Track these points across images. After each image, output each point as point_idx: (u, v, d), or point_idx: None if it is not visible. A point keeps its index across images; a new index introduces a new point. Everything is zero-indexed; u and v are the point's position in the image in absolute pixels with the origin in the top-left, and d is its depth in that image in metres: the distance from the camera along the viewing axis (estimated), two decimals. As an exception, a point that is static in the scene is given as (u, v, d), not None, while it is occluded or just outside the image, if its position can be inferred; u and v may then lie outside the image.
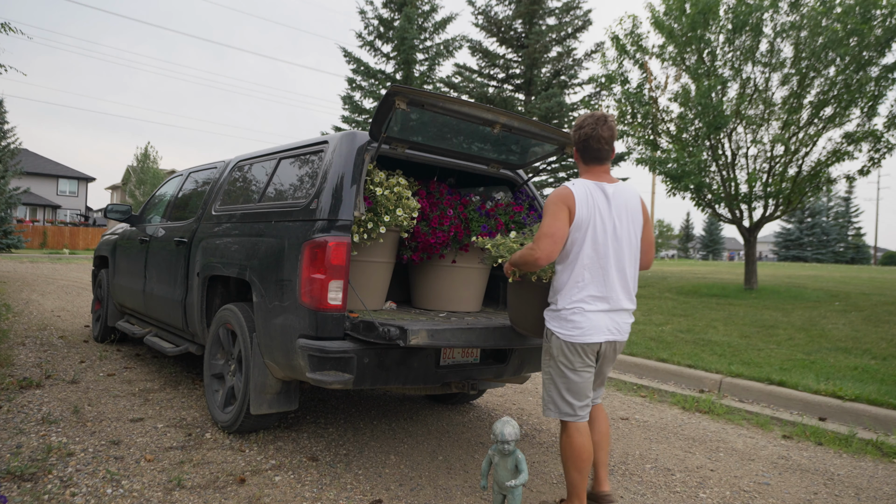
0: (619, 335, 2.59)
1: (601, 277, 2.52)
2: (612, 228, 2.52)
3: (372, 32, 16.39)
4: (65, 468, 2.87)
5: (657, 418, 4.48)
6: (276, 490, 2.79)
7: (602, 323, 2.52)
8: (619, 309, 2.57)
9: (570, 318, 2.51)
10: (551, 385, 2.59)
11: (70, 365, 4.98)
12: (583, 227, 2.49)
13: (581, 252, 2.50)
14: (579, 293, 2.51)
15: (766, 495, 3.10)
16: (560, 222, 2.46)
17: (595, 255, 2.51)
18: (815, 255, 47.02)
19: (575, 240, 2.50)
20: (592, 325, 2.50)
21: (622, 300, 2.56)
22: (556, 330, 2.54)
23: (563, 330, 2.52)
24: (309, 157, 3.47)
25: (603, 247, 2.51)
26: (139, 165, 43.99)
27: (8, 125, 27.29)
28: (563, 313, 2.52)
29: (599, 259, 2.51)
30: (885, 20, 9.22)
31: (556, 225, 2.45)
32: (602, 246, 2.51)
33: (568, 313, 2.51)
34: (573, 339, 2.50)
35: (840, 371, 5.45)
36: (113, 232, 6.26)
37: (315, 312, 2.86)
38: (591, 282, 2.51)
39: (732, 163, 11.13)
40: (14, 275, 13.68)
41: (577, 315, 2.50)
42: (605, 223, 2.51)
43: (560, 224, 2.46)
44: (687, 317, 8.57)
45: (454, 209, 4.01)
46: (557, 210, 2.47)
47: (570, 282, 2.51)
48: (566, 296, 2.53)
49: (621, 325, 2.59)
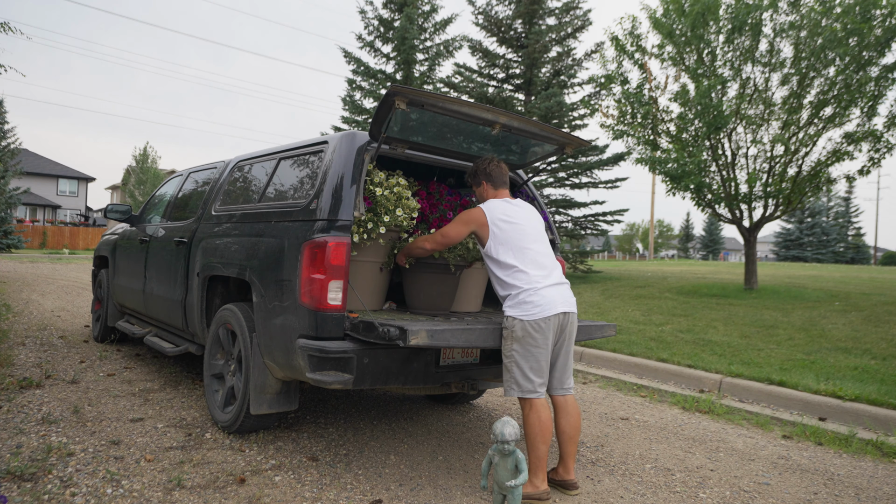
0: (570, 307, 2.97)
1: (532, 261, 2.97)
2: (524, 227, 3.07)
3: (372, 33, 16.39)
4: (65, 468, 2.87)
5: (657, 418, 4.48)
6: (276, 490, 2.79)
7: (548, 300, 2.88)
8: (561, 283, 3.02)
9: (527, 299, 2.85)
10: (515, 367, 2.85)
11: (70, 365, 4.98)
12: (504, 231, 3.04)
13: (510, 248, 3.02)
14: (519, 278, 2.94)
15: (766, 495, 3.10)
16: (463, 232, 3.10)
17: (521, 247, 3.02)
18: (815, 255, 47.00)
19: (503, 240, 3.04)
20: (548, 302, 2.86)
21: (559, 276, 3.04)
22: (518, 315, 2.83)
23: (523, 312, 2.83)
24: (309, 157, 3.47)
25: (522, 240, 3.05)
26: (138, 166, 44.00)
27: (8, 125, 27.32)
28: (521, 296, 2.86)
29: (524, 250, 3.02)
30: (884, 20, 9.21)
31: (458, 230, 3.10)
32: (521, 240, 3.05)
33: (525, 295, 2.85)
34: (534, 316, 2.81)
35: (840, 371, 5.45)
36: (113, 232, 6.27)
37: (315, 312, 2.86)
38: (529, 268, 2.95)
39: (732, 163, 11.13)
40: (14, 275, 13.69)
41: (533, 296, 2.85)
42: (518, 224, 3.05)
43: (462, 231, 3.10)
44: (687, 317, 8.57)
45: (454, 211, 4.01)
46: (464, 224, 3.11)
47: (514, 271, 2.94)
48: (517, 282, 2.92)
49: (567, 297, 3.00)
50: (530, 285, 2.88)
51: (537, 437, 2.80)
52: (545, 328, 2.83)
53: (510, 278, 2.93)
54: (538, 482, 2.80)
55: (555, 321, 2.87)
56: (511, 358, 2.86)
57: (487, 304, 4.27)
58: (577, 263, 15.16)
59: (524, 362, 2.82)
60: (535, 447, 2.81)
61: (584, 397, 5.03)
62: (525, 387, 2.83)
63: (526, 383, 2.83)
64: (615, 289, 12.05)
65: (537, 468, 2.81)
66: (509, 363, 2.87)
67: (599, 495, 2.98)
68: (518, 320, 2.82)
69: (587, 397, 5.04)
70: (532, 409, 2.82)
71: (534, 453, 2.81)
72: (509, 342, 2.86)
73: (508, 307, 2.89)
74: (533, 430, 2.81)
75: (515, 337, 2.83)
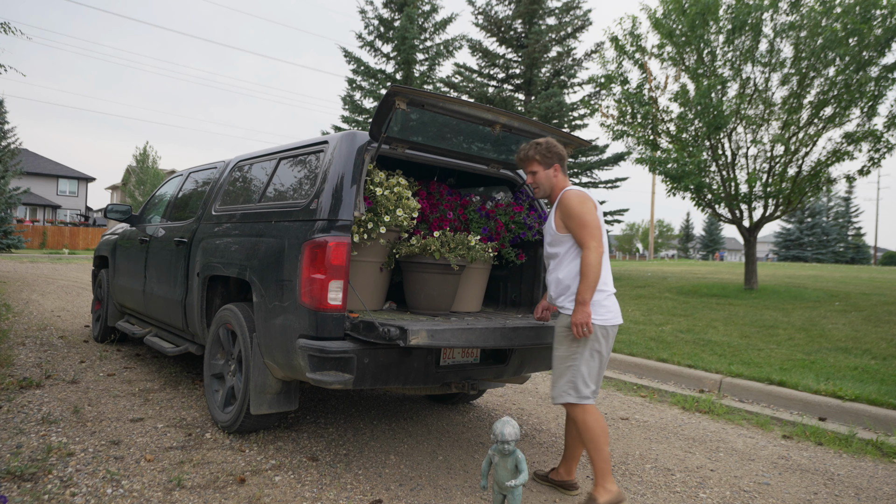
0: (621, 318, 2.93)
1: (607, 266, 2.86)
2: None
3: (372, 32, 16.39)
4: (65, 468, 2.87)
5: (657, 418, 4.48)
6: (276, 490, 2.79)
7: (617, 307, 2.86)
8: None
9: (604, 303, 2.77)
10: (575, 372, 2.75)
11: (70, 365, 4.98)
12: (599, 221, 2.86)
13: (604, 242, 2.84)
14: (604, 280, 2.79)
15: (766, 495, 3.10)
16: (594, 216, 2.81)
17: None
18: (815, 255, 47.00)
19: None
20: (617, 309, 2.84)
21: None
22: (593, 318, 2.72)
23: (599, 316, 2.74)
24: (309, 157, 3.47)
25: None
26: (138, 166, 44.02)
27: (8, 125, 27.30)
28: (598, 297, 2.76)
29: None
30: (885, 20, 9.21)
31: (594, 219, 2.80)
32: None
33: (602, 297, 2.77)
34: (608, 321, 2.77)
35: (840, 371, 5.45)
36: (113, 232, 6.26)
37: (315, 312, 2.86)
38: (606, 270, 2.83)
39: (732, 163, 11.12)
40: (14, 275, 13.68)
41: (609, 300, 2.80)
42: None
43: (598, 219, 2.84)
44: (687, 317, 8.57)
45: (454, 211, 4.01)
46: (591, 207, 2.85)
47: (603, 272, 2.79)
48: (600, 284, 2.77)
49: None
50: (609, 288, 2.82)
51: (600, 439, 2.72)
52: (612, 336, 2.80)
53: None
54: (609, 485, 2.70)
55: (615, 330, 2.84)
56: (571, 361, 2.76)
57: (487, 303, 4.27)
58: (577, 263, 15.16)
59: (586, 368, 2.74)
60: (600, 449, 2.72)
61: (584, 397, 5.02)
62: (583, 392, 2.75)
63: (585, 389, 2.75)
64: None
65: (606, 471, 2.71)
66: (567, 367, 2.77)
67: (599, 495, 2.98)
68: (595, 325, 2.72)
69: (587, 397, 5.03)
70: (588, 413, 2.75)
71: (600, 455, 2.72)
72: (577, 345, 2.75)
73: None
74: (595, 434, 2.72)
75: (586, 341, 2.73)
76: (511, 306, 4.17)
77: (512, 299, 4.18)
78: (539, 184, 2.93)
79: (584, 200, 2.78)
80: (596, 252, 2.68)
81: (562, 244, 2.85)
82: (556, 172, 2.91)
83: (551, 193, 2.94)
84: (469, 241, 3.43)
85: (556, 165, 2.90)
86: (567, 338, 2.77)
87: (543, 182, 2.92)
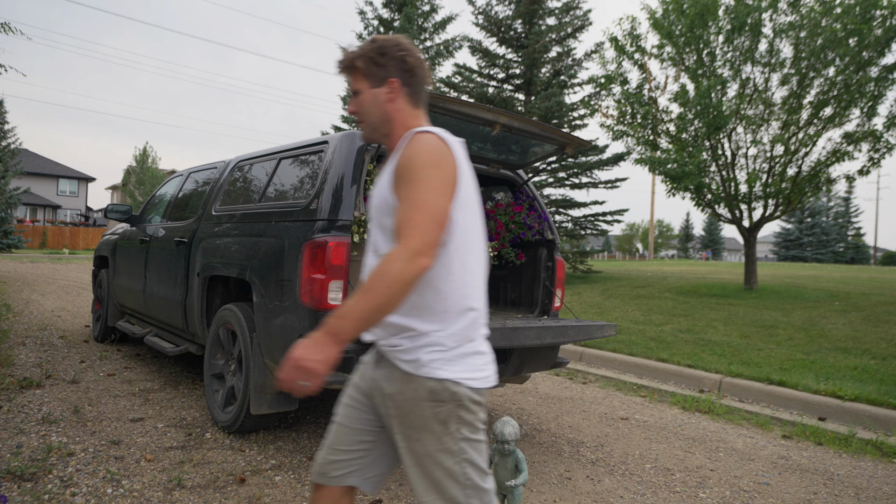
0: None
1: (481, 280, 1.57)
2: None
3: (372, 33, 16.40)
4: (65, 468, 2.87)
5: (657, 418, 4.48)
6: (277, 490, 2.79)
7: (491, 363, 1.58)
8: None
9: (475, 350, 1.51)
10: (469, 467, 1.48)
11: (70, 365, 4.98)
12: (469, 201, 1.53)
13: (471, 239, 1.53)
14: (475, 307, 1.52)
15: (766, 495, 3.10)
16: (449, 196, 1.45)
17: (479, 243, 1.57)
18: (814, 255, 47.00)
19: (461, 221, 1.50)
20: (490, 357, 1.57)
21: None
22: (459, 376, 1.46)
23: (469, 373, 1.48)
24: (309, 157, 3.47)
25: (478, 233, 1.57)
26: (138, 166, 44.04)
27: (8, 125, 27.30)
28: (464, 347, 1.48)
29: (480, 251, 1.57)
30: (885, 20, 9.22)
31: (445, 201, 1.44)
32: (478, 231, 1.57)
33: (470, 346, 1.50)
34: (484, 382, 1.51)
35: (840, 371, 5.45)
36: (113, 232, 6.27)
37: (315, 312, 2.86)
38: (481, 288, 1.56)
39: (732, 163, 11.13)
40: (14, 275, 13.68)
41: (481, 344, 1.54)
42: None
43: (449, 199, 1.45)
44: (687, 317, 8.57)
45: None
46: (446, 175, 1.45)
47: (461, 290, 1.49)
48: (460, 315, 1.49)
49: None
50: (480, 306, 1.53)
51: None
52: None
53: (455, 283, 1.49)
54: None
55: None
56: (460, 453, 1.48)
57: (487, 303, 4.27)
58: (577, 263, 15.17)
59: (478, 457, 1.51)
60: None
61: (584, 397, 5.03)
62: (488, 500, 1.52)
63: (485, 491, 1.52)
64: (615, 289, 12.05)
65: None
66: (456, 464, 1.47)
67: (599, 495, 2.98)
68: (464, 386, 1.46)
69: (587, 397, 5.04)
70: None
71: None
72: (453, 423, 1.47)
73: (436, 352, 1.46)
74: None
75: (459, 414, 1.47)
76: (511, 306, 4.17)
77: (512, 299, 4.19)
78: (362, 112, 1.61)
79: (443, 157, 1.45)
80: (413, 263, 1.34)
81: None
82: (395, 96, 1.57)
83: (387, 132, 1.60)
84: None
85: (394, 82, 1.56)
86: (428, 413, 1.47)
87: (370, 109, 1.59)
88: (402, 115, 1.58)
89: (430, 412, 1.45)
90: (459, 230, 1.48)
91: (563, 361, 3.79)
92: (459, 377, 1.45)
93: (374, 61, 1.57)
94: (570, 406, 4.69)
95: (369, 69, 1.57)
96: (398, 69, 1.57)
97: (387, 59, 1.57)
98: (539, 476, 3.17)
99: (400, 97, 1.58)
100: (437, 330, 1.46)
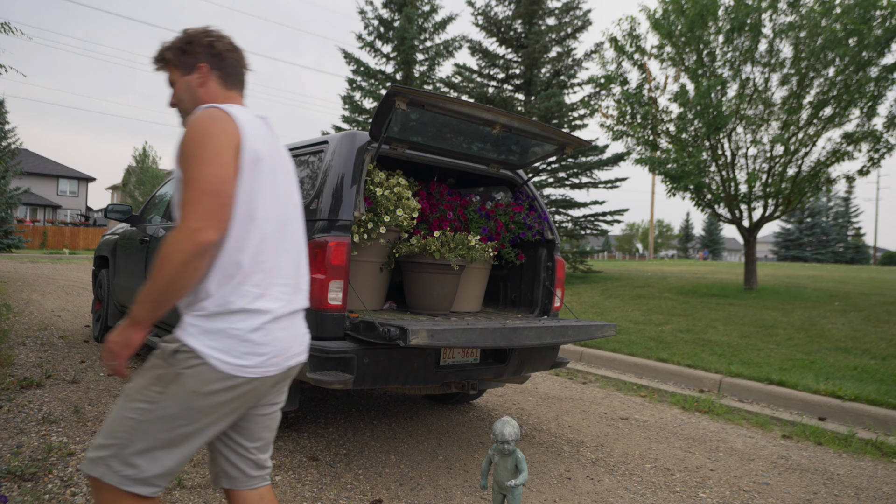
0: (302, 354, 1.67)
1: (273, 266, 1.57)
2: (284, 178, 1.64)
3: (372, 33, 16.39)
4: (65, 468, 2.87)
5: (657, 418, 4.48)
6: (277, 490, 2.79)
7: (285, 343, 1.57)
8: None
9: (249, 334, 1.48)
10: (132, 429, 1.43)
11: (70, 365, 4.98)
12: (263, 176, 1.53)
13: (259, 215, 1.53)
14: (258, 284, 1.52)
15: (766, 495, 3.10)
16: (226, 165, 1.44)
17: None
18: (814, 256, 47.02)
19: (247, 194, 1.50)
20: (283, 347, 1.56)
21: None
22: (209, 349, 1.44)
23: (220, 349, 1.45)
24: (309, 157, 3.47)
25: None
26: (138, 166, 44.06)
27: (8, 125, 27.33)
28: (237, 319, 1.47)
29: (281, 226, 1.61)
30: (884, 20, 9.22)
31: (220, 170, 1.42)
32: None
33: (243, 322, 1.48)
34: (247, 367, 1.47)
35: (840, 371, 5.45)
36: (113, 232, 6.27)
37: (315, 312, 2.86)
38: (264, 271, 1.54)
39: (732, 163, 11.13)
40: (14, 275, 13.68)
41: (265, 328, 1.51)
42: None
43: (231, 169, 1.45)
44: (687, 317, 8.58)
45: (454, 211, 4.01)
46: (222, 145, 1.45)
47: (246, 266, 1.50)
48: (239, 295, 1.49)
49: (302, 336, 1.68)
50: (266, 306, 1.52)
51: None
52: (251, 395, 1.53)
53: (235, 275, 1.48)
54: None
55: (275, 378, 1.57)
56: (140, 415, 1.43)
57: (487, 303, 4.27)
58: (576, 263, 15.17)
59: (156, 432, 1.44)
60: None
61: (584, 397, 5.03)
62: (129, 474, 1.42)
63: (130, 469, 1.43)
64: (615, 289, 12.05)
65: None
66: (128, 417, 1.44)
67: (599, 495, 2.98)
68: (209, 365, 1.43)
69: (587, 397, 5.04)
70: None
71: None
72: (163, 387, 1.43)
73: (200, 322, 1.46)
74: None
75: (180, 380, 1.43)
76: (511, 306, 4.17)
77: (512, 299, 4.19)
78: (178, 100, 1.67)
79: (214, 127, 1.45)
80: (189, 242, 1.36)
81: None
82: (206, 80, 1.63)
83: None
84: (469, 241, 3.43)
85: (203, 67, 1.62)
86: (152, 367, 1.47)
87: (183, 96, 1.66)
88: (213, 98, 1.63)
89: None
90: (243, 203, 1.47)
91: (563, 361, 3.79)
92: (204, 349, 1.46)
93: (182, 50, 1.64)
94: (570, 406, 4.70)
95: (178, 59, 1.64)
96: (206, 54, 1.63)
97: (194, 46, 1.63)
98: (539, 476, 3.17)
99: (211, 81, 1.64)
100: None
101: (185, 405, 1.44)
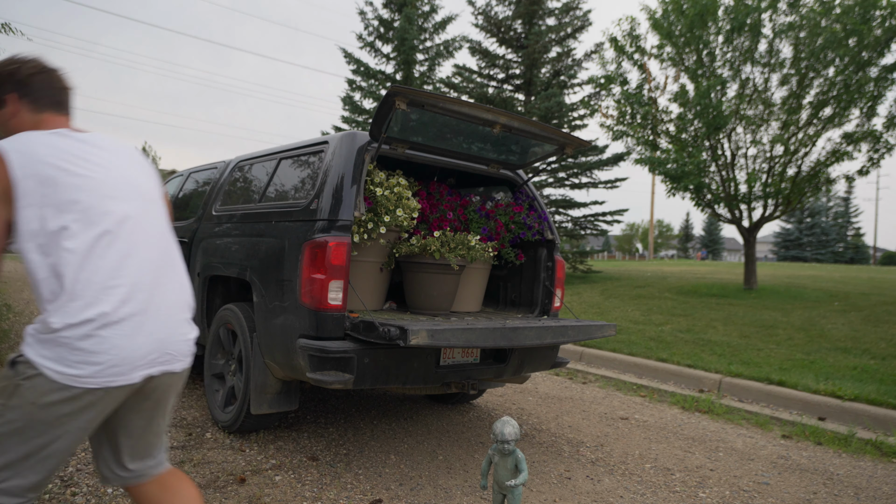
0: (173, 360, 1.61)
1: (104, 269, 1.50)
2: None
3: (372, 33, 16.40)
4: (65, 468, 2.87)
5: (657, 418, 4.48)
6: (277, 490, 2.79)
7: (124, 352, 1.47)
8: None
9: (78, 342, 1.41)
10: (3, 439, 1.41)
11: (70, 365, 4.98)
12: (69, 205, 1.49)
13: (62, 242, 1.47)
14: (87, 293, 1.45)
15: (766, 495, 3.10)
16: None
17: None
18: (814, 256, 47.04)
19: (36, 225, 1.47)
20: (122, 356, 1.46)
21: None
22: (51, 363, 1.39)
23: (58, 365, 1.39)
24: (309, 157, 3.47)
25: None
26: (139, 166, 44.04)
27: (8, 125, 27.31)
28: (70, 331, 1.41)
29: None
30: (884, 20, 9.23)
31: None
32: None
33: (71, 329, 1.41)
34: (81, 376, 1.40)
35: (839, 371, 5.45)
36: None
37: (315, 312, 2.86)
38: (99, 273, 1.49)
39: (732, 163, 11.13)
40: (15, 275, 13.68)
41: (97, 336, 1.43)
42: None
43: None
44: (687, 317, 8.58)
45: (454, 211, 4.02)
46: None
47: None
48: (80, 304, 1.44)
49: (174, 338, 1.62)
50: (100, 310, 1.43)
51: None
52: (101, 405, 1.46)
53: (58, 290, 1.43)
54: None
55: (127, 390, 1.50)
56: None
57: (487, 303, 4.28)
58: (576, 263, 15.18)
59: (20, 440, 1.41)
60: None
61: (584, 397, 5.03)
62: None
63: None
64: (615, 289, 12.06)
65: None
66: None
67: (599, 495, 2.99)
68: (43, 375, 1.39)
69: (587, 397, 5.04)
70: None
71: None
72: (2, 396, 1.42)
73: (35, 332, 1.43)
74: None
75: (19, 392, 1.39)
76: (511, 306, 4.18)
77: (512, 299, 4.19)
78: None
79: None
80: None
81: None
82: (16, 110, 1.63)
83: None
84: (469, 241, 3.44)
85: (12, 97, 1.62)
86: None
87: (1, 133, 1.66)
88: (23, 126, 1.62)
89: None
90: (34, 221, 1.42)
91: (563, 361, 3.79)
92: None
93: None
94: (570, 406, 4.70)
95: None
96: (11, 84, 1.61)
97: (1, 79, 1.62)
98: (539, 476, 3.17)
99: (22, 109, 1.63)
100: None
101: (29, 417, 1.39)
